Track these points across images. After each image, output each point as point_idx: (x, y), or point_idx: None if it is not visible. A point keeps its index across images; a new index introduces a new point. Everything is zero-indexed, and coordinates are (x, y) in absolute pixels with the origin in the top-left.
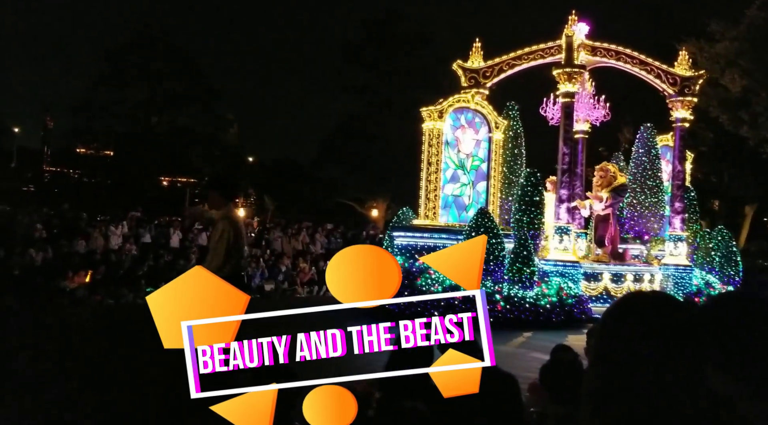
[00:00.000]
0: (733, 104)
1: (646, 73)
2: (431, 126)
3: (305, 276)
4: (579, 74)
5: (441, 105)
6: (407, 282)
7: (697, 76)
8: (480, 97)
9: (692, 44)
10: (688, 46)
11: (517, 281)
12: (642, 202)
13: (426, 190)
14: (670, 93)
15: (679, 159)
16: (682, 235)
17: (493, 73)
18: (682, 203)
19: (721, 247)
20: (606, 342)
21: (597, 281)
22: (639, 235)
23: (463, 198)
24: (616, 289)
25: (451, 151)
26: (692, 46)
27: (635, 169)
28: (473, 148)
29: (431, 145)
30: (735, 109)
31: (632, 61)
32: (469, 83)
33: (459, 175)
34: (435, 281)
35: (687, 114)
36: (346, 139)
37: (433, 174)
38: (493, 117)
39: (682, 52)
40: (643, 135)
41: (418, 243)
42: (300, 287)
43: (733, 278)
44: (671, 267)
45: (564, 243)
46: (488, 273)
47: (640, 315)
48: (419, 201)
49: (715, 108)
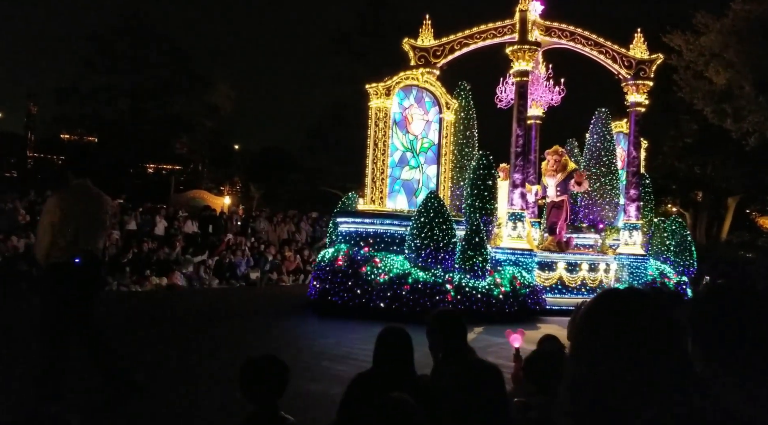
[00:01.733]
0: (717, 97)
1: (601, 56)
2: (378, 104)
3: (291, 264)
4: (533, 52)
5: (388, 82)
6: (350, 272)
7: (651, 58)
8: (430, 76)
9: (678, 36)
10: (674, 38)
11: (468, 270)
12: (596, 189)
13: (372, 172)
14: (625, 76)
15: (634, 145)
16: (637, 224)
17: (443, 53)
18: (637, 190)
19: (676, 236)
20: (584, 336)
21: (551, 271)
22: (593, 224)
23: (413, 182)
24: (570, 279)
25: (400, 132)
26: (678, 38)
27: (589, 156)
28: (423, 129)
29: (378, 125)
30: (719, 101)
31: (587, 42)
32: (419, 62)
33: (408, 158)
34: (381, 270)
35: (642, 98)
36: (333, 127)
37: (380, 156)
38: (444, 96)
39: (637, 34)
40: (597, 120)
41: (364, 229)
42: (286, 276)
43: (687, 268)
44: (626, 256)
45: (517, 231)
46: (438, 262)
47: (617, 312)
48: (365, 184)
49: (700, 100)
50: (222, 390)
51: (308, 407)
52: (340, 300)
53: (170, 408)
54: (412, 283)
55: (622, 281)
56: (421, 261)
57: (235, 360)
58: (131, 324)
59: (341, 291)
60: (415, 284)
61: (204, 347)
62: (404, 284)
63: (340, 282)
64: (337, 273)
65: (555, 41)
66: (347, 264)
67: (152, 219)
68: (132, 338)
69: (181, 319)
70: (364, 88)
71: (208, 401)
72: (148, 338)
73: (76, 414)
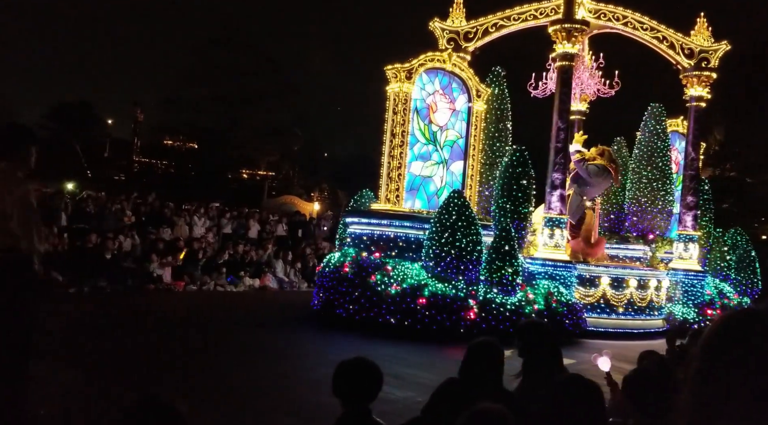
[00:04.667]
0: None
1: (656, 42)
2: (397, 88)
3: None
4: (580, 32)
5: (410, 63)
6: (358, 281)
7: (716, 46)
8: (460, 60)
9: None
10: None
11: (496, 283)
12: (647, 195)
13: (388, 167)
14: (685, 66)
15: (693, 145)
16: (693, 235)
17: (476, 36)
18: (695, 197)
19: (738, 251)
20: (708, 363)
21: (593, 286)
22: (643, 234)
23: (435, 180)
24: (615, 297)
25: (421, 122)
26: None
27: (639, 156)
28: (449, 120)
29: (396, 113)
30: None
31: (641, 26)
32: (448, 46)
33: (430, 152)
34: (393, 280)
35: (704, 92)
36: None
37: (397, 148)
38: (474, 82)
39: (700, 18)
40: (650, 116)
41: (375, 232)
42: None
43: (750, 288)
44: (681, 272)
45: (555, 239)
46: (460, 272)
47: (746, 334)
48: (380, 181)
49: None
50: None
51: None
52: (345, 312)
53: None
54: (428, 296)
55: (675, 301)
56: (440, 271)
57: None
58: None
59: (347, 302)
60: (432, 297)
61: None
62: (419, 297)
63: (346, 291)
64: (343, 281)
65: (604, 25)
66: (354, 272)
67: (246, 223)
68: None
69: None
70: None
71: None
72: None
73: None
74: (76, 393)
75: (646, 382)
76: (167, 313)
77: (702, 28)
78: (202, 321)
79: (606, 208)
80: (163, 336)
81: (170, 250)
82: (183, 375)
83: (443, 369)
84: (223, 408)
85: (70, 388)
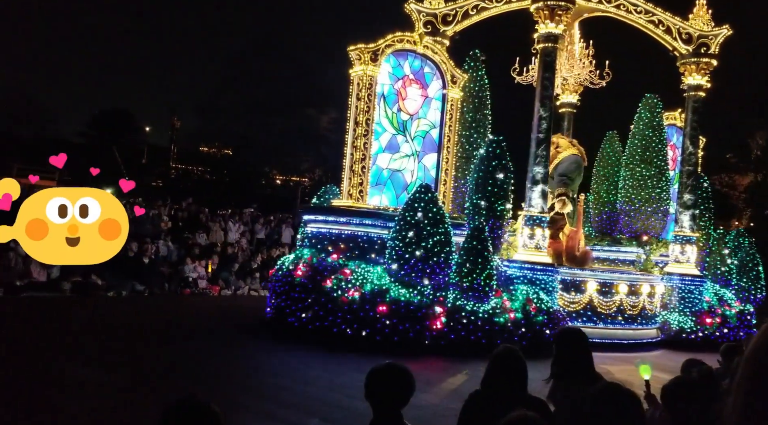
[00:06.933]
0: None
1: (652, 27)
2: (361, 72)
3: None
4: (564, 12)
5: (376, 43)
6: (311, 286)
7: (717, 31)
8: (431, 40)
9: None
10: None
11: (467, 288)
12: (641, 193)
13: (351, 159)
14: (683, 53)
15: (691, 137)
16: (691, 237)
17: (456, 19)
18: (693, 195)
19: (740, 254)
20: (754, 373)
21: (579, 292)
22: (636, 235)
23: (405, 174)
24: (603, 304)
25: (389, 110)
26: None
27: (633, 151)
28: (420, 108)
29: (360, 99)
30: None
31: (635, 9)
32: (425, 29)
33: (399, 144)
34: (351, 285)
35: (703, 80)
36: None
37: (361, 138)
38: (449, 66)
39: (699, 1)
40: (644, 108)
41: (334, 230)
42: None
43: (753, 294)
44: (677, 277)
45: (536, 240)
46: (426, 275)
47: None
48: (341, 174)
49: None
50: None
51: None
52: (297, 321)
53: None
54: (389, 303)
55: (670, 308)
56: (404, 275)
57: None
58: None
59: (299, 309)
60: (394, 304)
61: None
62: (380, 304)
63: (298, 298)
64: (295, 286)
65: (595, 8)
66: (308, 276)
67: (279, 229)
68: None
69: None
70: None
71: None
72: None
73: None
74: (115, 395)
75: (689, 392)
76: (202, 318)
77: (701, 11)
78: (225, 325)
79: (597, 208)
80: (196, 340)
81: (205, 255)
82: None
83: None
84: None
85: (107, 390)
